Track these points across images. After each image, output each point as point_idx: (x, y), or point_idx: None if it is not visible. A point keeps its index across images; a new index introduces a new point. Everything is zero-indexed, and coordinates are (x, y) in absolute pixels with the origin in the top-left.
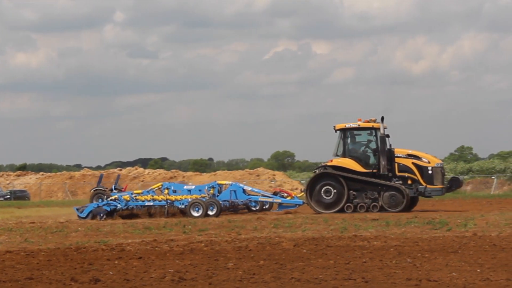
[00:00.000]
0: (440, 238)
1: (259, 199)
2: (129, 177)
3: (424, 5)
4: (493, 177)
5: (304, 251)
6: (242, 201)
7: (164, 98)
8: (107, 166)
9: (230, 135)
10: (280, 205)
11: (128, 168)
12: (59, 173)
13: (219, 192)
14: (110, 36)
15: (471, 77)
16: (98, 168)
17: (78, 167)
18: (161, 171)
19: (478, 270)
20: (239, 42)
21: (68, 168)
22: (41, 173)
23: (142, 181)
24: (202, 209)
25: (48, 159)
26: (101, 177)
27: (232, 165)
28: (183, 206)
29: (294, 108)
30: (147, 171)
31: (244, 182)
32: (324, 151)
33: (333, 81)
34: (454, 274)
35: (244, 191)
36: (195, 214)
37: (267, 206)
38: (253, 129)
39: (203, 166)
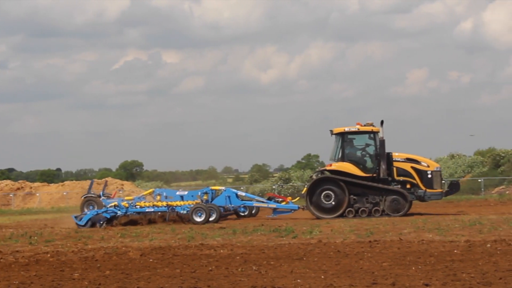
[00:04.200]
0: (285, 245)
1: (254, 204)
2: None
3: (274, 15)
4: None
5: (151, 260)
6: (233, 207)
7: (12, 108)
8: None
9: (78, 145)
10: (274, 210)
11: None
12: None
13: (212, 198)
14: None
15: (319, 86)
16: None
17: None
18: (8, 181)
19: (322, 277)
20: (89, 52)
21: None
22: None
23: None
24: (204, 214)
25: None
26: (91, 183)
27: (80, 175)
28: (184, 212)
29: (143, 118)
30: None
31: (242, 188)
32: (173, 160)
33: (183, 90)
34: (298, 281)
35: (237, 196)
36: (198, 219)
37: (254, 212)
38: (102, 139)
39: (50, 176)
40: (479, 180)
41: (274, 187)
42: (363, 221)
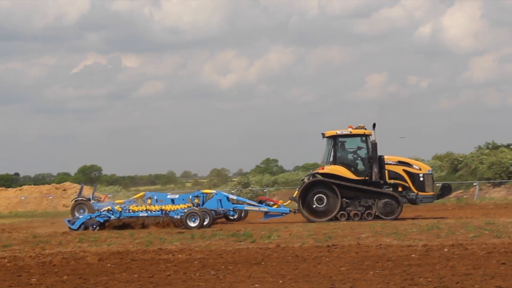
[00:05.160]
0: (244, 250)
1: (245, 208)
2: None
3: (234, 19)
4: (297, 189)
5: (109, 265)
6: (223, 210)
7: None
8: None
9: (37, 149)
10: (266, 213)
11: None
12: None
13: (203, 201)
14: None
15: (278, 90)
16: None
17: None
18: None
19: (280, 281)
20: (48, 56)
21: None
22: None
23: None
24: (198, 219)
25: None
26: (82, 187)
27: (38, 180)
28: (178, 217)
29: (102, 122)
30: None
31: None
32: (132, 164)
33: (142, 94)
34: (256, 285)
35: (228, 199)
36: (192, 224)
37: (243, 215)
38: (60, 143)
39: (8, 181)
40: (437, 185)
41: (233, 191)
42: (321, 226)
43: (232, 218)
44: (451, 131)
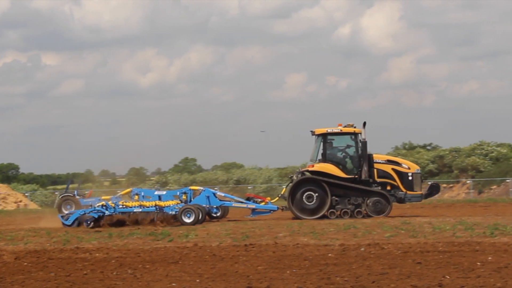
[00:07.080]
0: (161, 249)
1: (233, 204)
2: None
3: (154, 18)
4: (216, 188)
5: (25, 264)
6: (209, 207)
7: None
8: None
9: None
10: (253, 210)
11: None
12: None
13: (191, 198)
14: None
15: (198, 89)
16: None
17: None
18: None
19: (198, 280)
20: None
21: None
22: None
23: None
24: (194, 215)
25: None
26: (69, 182)
27: None
28: (173, 213)
29: (20, 120)
30: None
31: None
32: (50, 163)
33: (62, 92)
34: (174, 284)
35: (215, 196)
36: (187, 220)
37: (225, 212)
38: None
39: None
40: None
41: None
42: (239, 225)
43: (215, 215)
44: (368, 131)
